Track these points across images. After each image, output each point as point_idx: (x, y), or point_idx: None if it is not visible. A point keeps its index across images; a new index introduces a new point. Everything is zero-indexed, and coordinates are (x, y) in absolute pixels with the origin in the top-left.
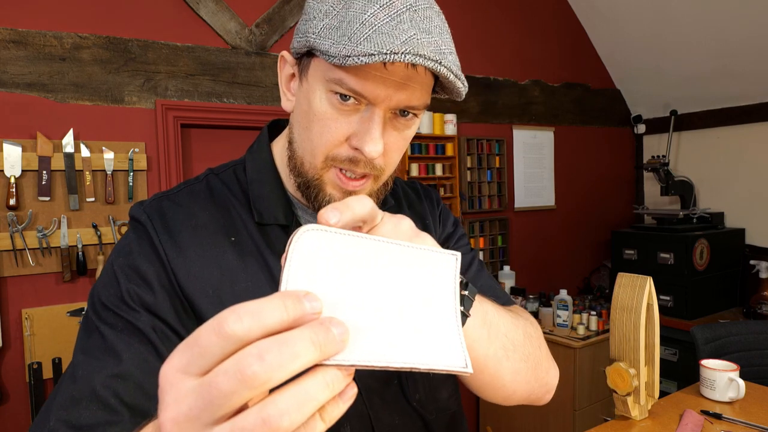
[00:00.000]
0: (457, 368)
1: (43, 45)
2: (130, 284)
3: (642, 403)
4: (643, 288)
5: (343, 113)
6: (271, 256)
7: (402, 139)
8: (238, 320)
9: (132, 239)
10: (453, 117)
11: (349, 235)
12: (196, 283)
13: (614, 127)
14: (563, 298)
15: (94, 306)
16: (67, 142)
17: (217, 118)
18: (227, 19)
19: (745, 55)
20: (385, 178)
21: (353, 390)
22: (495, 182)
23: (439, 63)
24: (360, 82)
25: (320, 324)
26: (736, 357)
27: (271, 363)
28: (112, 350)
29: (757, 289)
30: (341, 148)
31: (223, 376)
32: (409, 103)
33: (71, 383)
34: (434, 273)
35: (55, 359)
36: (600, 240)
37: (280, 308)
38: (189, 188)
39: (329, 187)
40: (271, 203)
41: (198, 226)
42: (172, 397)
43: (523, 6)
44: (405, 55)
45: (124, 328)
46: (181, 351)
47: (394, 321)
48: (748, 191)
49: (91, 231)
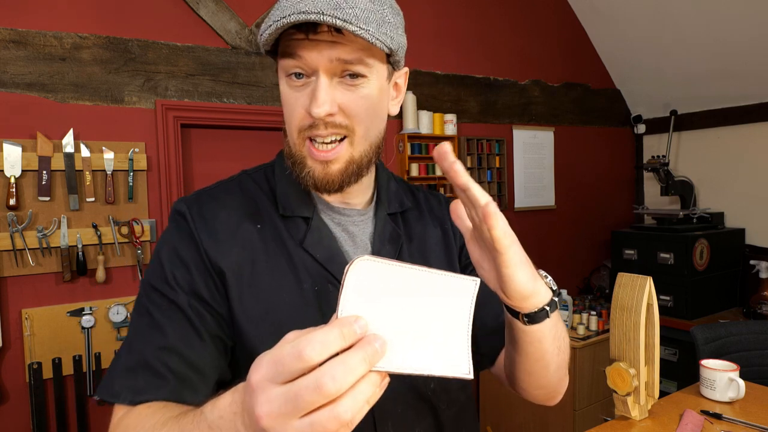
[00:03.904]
0: (462, 375)
1: (43, 45)
2: (173, 267)
3: (642, 403)
4: (643, 288)
5: (298, 89)
6: (291, 242)
7: (359, 97)
8: (312, 349)
9: (173, 229)
10: (453, 117)
11: (391, 264)
12: (224, 260)
13: (614, 127)
14: (563, 298)
15: (145, 289)
16: (67, 142)
17: (217, 118)
18: (227, 19)
19: (745, 55)
20: (362, 142)
21: (387, 381)
22: (495, 182)
23: (321, 14)
24: (294, 55)
25: (368, 343)
26: (736, 357)
27: (340, 381)
28: (158, 326)
29: (757, 289)
30: (305, 118)
31: (305, 389)
32: (340, 57)
33: (128, 354)
34: (455, 296)
35: (55, 359)
36: (600, 240)
37: (339, 338)
38: (224, 185)
39: (308, 160)
40: (293, 198)
41: (229, 215)
42: (265, 398)
43: (523, 6)
44: (289, 17)
45: (168, 306)
46: (266, 365)
47: (420, 336)
48: (748, 191)
49: (91, 231)
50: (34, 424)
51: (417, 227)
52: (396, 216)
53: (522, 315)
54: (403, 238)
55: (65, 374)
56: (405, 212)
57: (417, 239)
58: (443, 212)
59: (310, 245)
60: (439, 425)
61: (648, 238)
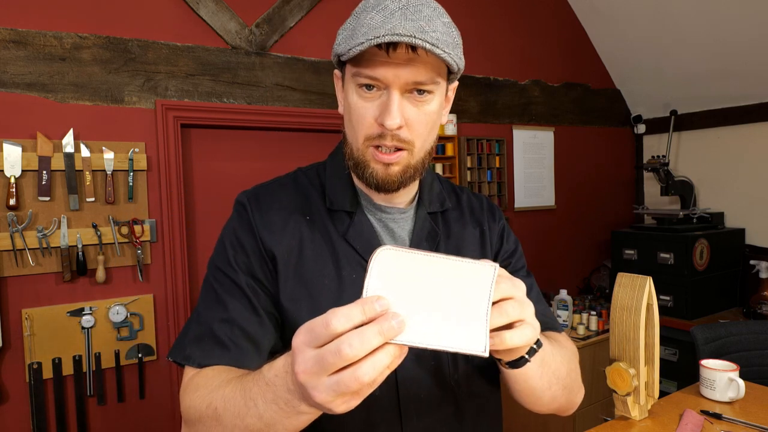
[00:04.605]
0: (477, 352)
1: (43, 45)
2: (234, 251)
3: (642, 403)
4: (643, 288)
5: (369, 100)
6: (335, 233)
7: (423, 114)
8: (338, 321)
9: (235, 218)
10: (453, 117)
11: (411, 252)
12: (276, 246)
13: (614, 127)
14: (563, 298)
15: (211, 269)
16: (67, 142)
17: (217, 118)
18: (227, 19)
19: (745, 55)
20: (419, 152)
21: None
22: (495, 182)
23: (413, 37)
24: (371, 69)
25: (385, 319)
26: (736, 357)
27: (356, 348)
28: (221, 301)
29: (757, 289)
30: (373, 128)
31: (329, 352)
32: (416, 79)
33: (197, 325)
34: (476, 280)
35: (55, 359)
36: (600, 240)
37: (360, 313)
38: (280, 180)
39: (372, 162)
40: (341, 194)
41: (282, 207)
42: (301, 358)
43: (523, 6)
44: (384, 37)
45: (230, 285)
46: (304, 332)
47: (439, 315)
48: (748, 191)
49: (91, 231)
50: (34, 424)
51: (456, 227)
52: (436, 215)
53: (503, 362)
54: (440, 236)
55: (65, 374)
56: (446, 212)
57: (455, 238)
58: (483, 214)
59: (351, 237)
60: (459, 414)
61: (648, 238)
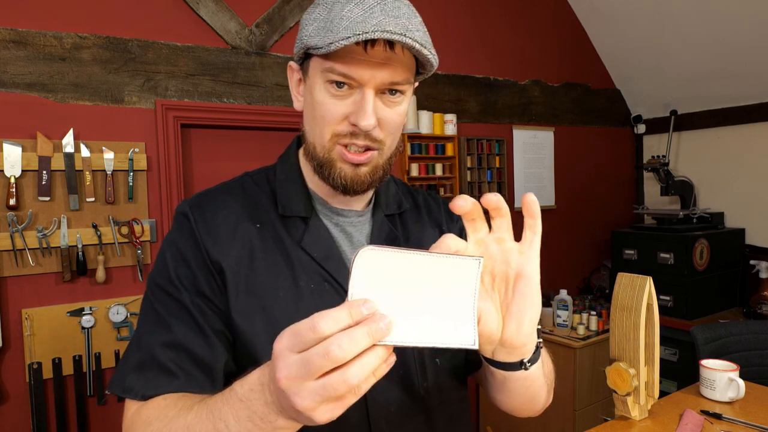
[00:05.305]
0: (467, 345)
1: (43, 45)
2: (176, 266)
3: (642, 403)
4: (643, 288)
5: (339, 98)
6: (289, 241)
7: (395, 114)
8: (325, 323)
9: (176, 230)
10: (453, 117)
11: (394, 250)
12: (223, 257)
13: (614, 127)
14: (563, 298)
15: (151, 287)
16: (67, 142)
17: (217, 118)
18: (227, 19)
19: (745, 55)
20: (388, 152)
21: (393, 358)
22: (495, 182)
23: (403, 35)
24: (347, 66)
25: (373, 321)
26: (736, 357)
27: (345, 349)
28: (164, 323)
29: (757, 289)
30: (342, 125)
31: (316, 355)
32: (392, 80)
33: (137, 351)
34: (461, 274)
35: (55, 359)
36: (600, 240)
37: (347, 316)
38: (225, 186)
39: (339, 162)
40: (294, 199)
41: (229, 215)
42: (284, 363)
43: (523, 6)
44: (374, 33)
45: (172, 304)
46: (287, 336)
47: (426, 313)
48: (748, 191)
49: (91, 231)
50: (34, 424)
51: (415, 228)
52: (394, 217)
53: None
54: (400, 239)
55: (65, 374)
56: (403, 213)
57: (414, 240)
58: (441, 214)
59: (307, 244)
60: (431, 425)
61: (648, 238)
